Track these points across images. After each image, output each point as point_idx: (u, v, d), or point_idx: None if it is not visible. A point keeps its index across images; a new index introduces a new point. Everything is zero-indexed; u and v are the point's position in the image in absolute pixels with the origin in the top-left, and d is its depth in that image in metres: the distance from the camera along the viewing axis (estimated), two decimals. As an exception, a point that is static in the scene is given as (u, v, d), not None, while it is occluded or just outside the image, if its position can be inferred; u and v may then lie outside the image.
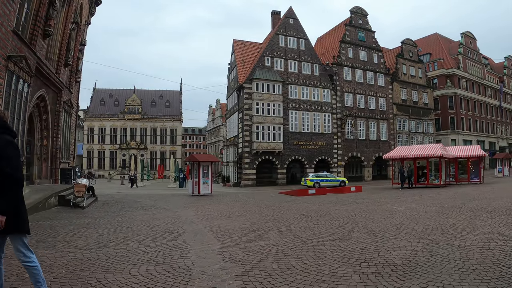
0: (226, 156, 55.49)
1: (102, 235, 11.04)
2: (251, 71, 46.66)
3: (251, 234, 11.15)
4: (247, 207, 18.97)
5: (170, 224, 13.32)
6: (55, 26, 20.78)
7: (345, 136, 52.11)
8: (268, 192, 32.28)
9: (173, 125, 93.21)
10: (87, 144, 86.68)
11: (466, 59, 75.96)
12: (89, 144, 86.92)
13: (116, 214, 16.50)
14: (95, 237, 10.72)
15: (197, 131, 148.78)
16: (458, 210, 14.94)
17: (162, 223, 13.55)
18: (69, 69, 26.25)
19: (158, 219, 14.80)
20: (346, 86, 52.89)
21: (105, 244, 9.74)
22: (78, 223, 13.48)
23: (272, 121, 45.61)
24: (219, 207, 19.38)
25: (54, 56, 22.49)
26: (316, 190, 28.28)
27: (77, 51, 27.69)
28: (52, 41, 21.83)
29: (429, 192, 26.17)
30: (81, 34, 28.52)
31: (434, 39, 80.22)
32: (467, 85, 74.59)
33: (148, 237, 10.82)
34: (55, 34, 21.68)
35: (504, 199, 18.27)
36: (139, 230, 12.00)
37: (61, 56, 23.23)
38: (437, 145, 34.26)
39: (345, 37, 54.07)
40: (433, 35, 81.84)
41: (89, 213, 16.71)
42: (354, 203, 19.54)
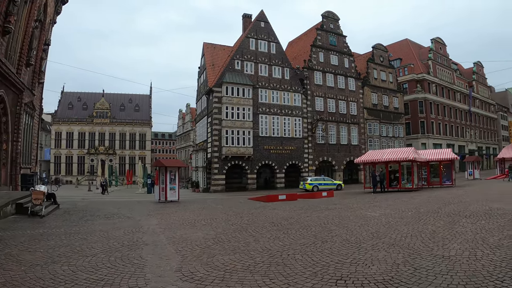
0: (195, 161, 54.44)
1: (54, 248, 10.02)
2: (221, 74, 45.62)
3: (215, 246, 10.24)
4: (214, 215, 18.01)
5: (129, 235, 12.35)
6: (16, 23, 19.48)
7: (316, 140, 51.50)
8: (237, 198, 31.40)
9: (142, 129, 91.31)
10: (54, 149, 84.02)
11: (436, 65, 76.68)
12: (57, 149, 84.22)
13: (75, 223, 15.41)
14: (46, 251, 9.71)
15: (167, 136, 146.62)
16: (436, 215, 14.31)
17: (122, 234, 12.56)
18: (31, 70, 24.86)
19: (119, 228, 13.81)
20: (317, 90, 52.33)
21: (54, 259, 8.74)
22: (31, 234, 12.37)
23: (242, 126, 44.65)
24: (185, 215, 18.41)
25: (14, 55, 21.12)
26: (287, 196, 27.23)
27: (41, 50, 26.32)
28: (13, 39, 20.46)
29: (402, 196, 25.61)
30: (46, 33, 27.15)
31: (404, 45, 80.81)
32: (437, 90, 75.20)
33: (103, 250, 9.82)
34: (16, 32, 20.34)
35: (480, 203, 17.76)
36: (95, 242, 11.02)
37: (23, 55, 21.83)
38: (409, 148, 33.96)
39: (316, 41, 53.58)
40: (403, 41, 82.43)
41: (47, 222, 15.52)
42: (326, 209, 18.70)
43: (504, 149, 53.73)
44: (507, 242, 9.01)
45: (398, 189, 32.13)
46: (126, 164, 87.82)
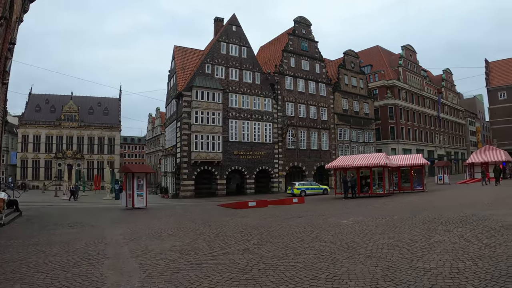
0: (164, 167, 53.76)
1: (8, 263, 9.41)
2: (191, 78, 45.05)
3: (181, 259, 9.61)
4: (182, 223, 17.42)
5: (91, 247, 11.67)
6: (-23, 20, 18.90)
7: (286, 145, 51.33)
8: (206, 205, 30.85)
9: (111, 133, 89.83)
10: (21, 153, 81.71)
11: (406, 71, 77.32)
12: (23, 153, 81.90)
13: (36, 233, 14.71)
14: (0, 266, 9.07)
15: (136, 140, 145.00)
16: (410, 223, 14.00)
17: (83, 246, 11.90)
18: (-6, 70, 24.18)
19: (80, 239, 13.11)
20: (287, 95, 52.27)
21: (7, 276, 8.17)
22: (-14, 246, 11.59)
23: (212, 130, 44.25)
24: (151, 223, 17.77)
25: (-25, 53, 20.51)
26: (257, 202, 26.62)
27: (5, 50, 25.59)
28: (-27, 36, 19.87)
29: (374, 202, 25.41)
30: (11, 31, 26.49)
31: (375, 52, 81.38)
32: (407, 96, 75.77)
33: (61, 265, 9.17)
34: (-24, 28, 19.75)
35: (454, 209, 17.59)
36: (53, 255, 10.35)
37: (-16, 54, 21.22)
38: (380, 154, 33.96)
39: (288, 46, 53.50)
40: (374, 48, 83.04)
41: (6, 232, 14.88)
42: (298, 217, 18.23)
43: (473, 154, 54.58)
44: (488, 251, 8.71)
45: (369, 194, 32.12)
46: (95, 169, 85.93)
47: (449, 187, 40.54)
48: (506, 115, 67.81)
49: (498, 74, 72.25)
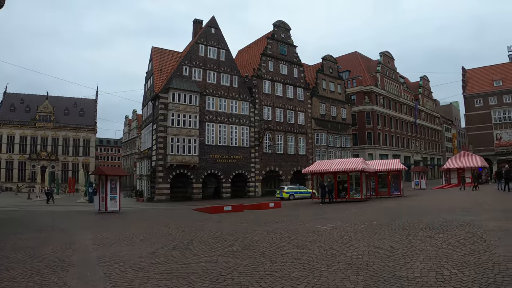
0: (139, 169, 52.75)
1: None
2: (168, 80, 44.38)
3: (151, 267, 9.01)
4: (155, 228, 16.77)
5: (58, 253, 11.08)
6: None
7: (263, 150, 50.92)
8: (181, 209, 30.35)
9: (86, 135, 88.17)
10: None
11: (384, 77, 77.69)
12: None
13: (3, 238, 14.17)
14: None
15: (112, 142, 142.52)
16: (390, 228, 13.66)
17: (50, 251, 11.32)
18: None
19: (48, 244, 12.55)
20: (265, 99, 51.91)
21: None
22: None
23: (188, 133, 43.56)
24: (123, 228, 17.26)
25: None
26: (233, 207, 26.14)
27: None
28: None
29: (352, 207, 25.13)
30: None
31: (354, 57, 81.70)
32: (384, 102, 76.20)
33: (24, 273, 8.59)
34: None
35: (433, 214, 17.39)
36: (17, 262, 9.78)
37: None
38: (358, 159, 33.79)
39: (266, 50, 53.12)
40: (353, 53, 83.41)
41: None
42: (274, 222, 17.73)
43: (450, 160, 55.37)
44: (472, 258, 8.39)
45: (346, 199, 31.91)
46: (69, 171, 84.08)
47: (426, 192, 40.73)
48: (481, 122, 68.53)
49: (474, 81, 73.10)
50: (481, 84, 71.82)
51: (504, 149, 65.83)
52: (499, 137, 66.77)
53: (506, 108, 66.85)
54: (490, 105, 68.72)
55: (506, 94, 67.81)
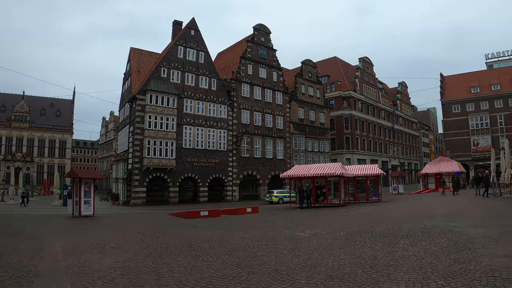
0: (115, 172, 51.82)
1: None
2: (146, 81, 43.62)
3: (121, 279, 8.43)
4: (129, 234, 16.10)
5: (25, 261, 10.43)
6: None
7: (241, 153, 50.38)
8: (157, 213, 29.66)
9: (63, 136, 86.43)
10: (-30, 154, 77.71)
11: (362, 83, 78.01)
12: (-28, 154, 77.87)
13: None
14: None
15: (89, 144, 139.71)
16: (370, 236, 13.30)
17: (16, 260, 10.64)
18: None
19: (16, 252, 11.94)
20: (243, 102, 51.46)
21: None
22: None
23: (165, 136, 42.86)
24: (96, 233, 16.57)
25: None
26: (209, 212, 25.56)
27: None
28: None
29: (331, 212, 24.85)
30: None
31: (333, 62, 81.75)
32: (363, 107, 76.49)
33: None
34: None
35: (414, 220, 17.18)
36: None
37: None
38: (336, 164, 33.53)
39: (246, 53, 52.72)
40: (332, 59, 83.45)
41: None
42: (252, 228, 17.27)
43: (427, 165, 55.87)
44: (458, 268, 8.05)
45: (324, 204, 31.54)
46: (44, 173, 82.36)
47: (404, 197, 40.71)
48: (458, 127, 69.38)
49: (452, 88, 73.97)
50: (459, 90, 72.71)
51: (481, 155, 66.51)
52: (476, 143, 67.79)
53: (483, 114, 67.87)
54: (467, 111, 69.71)
55: (483, 101, 68.84)
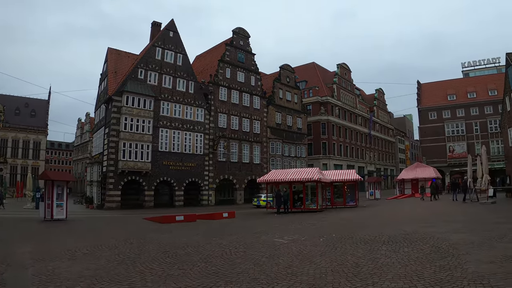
0: (90, 175, 50.80)
1: None
2: (122, 82, 42.93)
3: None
4: (101, 239, 15.45)
5: None
6: None
7: (217, 157, 49.83)
8: (131, 217, 28.87)
9: (37, 137, 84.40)
10: None
11: (340, 89, 78.41)
12: None
13: None
14: None
15: (64, 146, 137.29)
16: (351, 242, 12.96)
17: None
18: None
19: None
20: (221, 106, 51.03)
21: None
22: None
23: (141, 139, 42.14)
24: (67, 239, 15.78)
25: None
26: (185, 217, 24.81)
27: None
28: None
29: (308, 217, 24.43)
30: None
31: (311, 68, 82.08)
32: (340, 113, 76.84)
33: None
34: None
35: (393, 226, 17.02)
36: None
37: None
38: (314, 169, 33.34)
39: (224, 57, 52.37)
40: (310, 64, 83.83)
41: None
42: (229, 234, 16.72)
43: (404, 171, 56.38)
44: (445, 276, 7.77)
45: (302, 210, 31.32)
46: (18, 174, 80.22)
47: (381, 202, 40.86)
48: (435, 134, 70.19)
49: (429, 95, 74.83)
50: (436, 98, 73.57)
51: (457, 161, 67.59)
52: (452, 149, 68.70)
53: (459, 121, 68.86)
54: (443, 118, 70.53)
55: (459, 108, 69.83)
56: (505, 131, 42.56)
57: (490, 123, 66.58)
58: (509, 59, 37.49)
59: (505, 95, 41.18)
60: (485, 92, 69.69)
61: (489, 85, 70.21)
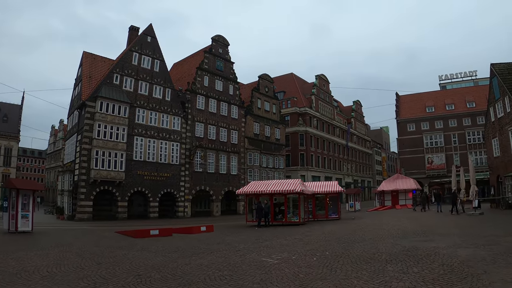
0: (61, 184, 48.65)
1: None
2: (97, 87, 41.30)
3: None
4: (65, 258, 13.57)
5: None
6: None
7: (194, 168, 48.26)
8: (103, 230, 26.94)
9: (8, 143, 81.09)
10: None
11: (318, 100, 77.81)
12: None
13: None
14: None
15: (37, 153, 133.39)
16: (350, 261, 11.56)
17: None
18: None
19: None
20: (198, 115, 49.62)
21: None
22: None
23: (115, 147, 40.39)
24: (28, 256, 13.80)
25: None
26: (160, 231, 23.03)
27: None
28: None
29: (293, 231, 22.97)
30: None
31: (289, 78, 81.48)
32: (318, 124, 76.37)
33: None
34: None
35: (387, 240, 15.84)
36: None
37: None
38: (296, 180, 31.77)
39: (203, 64, 51.06)
40: (288, 75, 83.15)
41: None
42: (209, 252, 14.90)
43: (384, 183, 56.01)
44: None
45: (282, 223, 29.76)
46: (-13, 182, 78.04)
47: (363, 214, 39.79)
48: (413, 145, 70.24)
49: (407, 107, 74.93)
50: (414, 110, 73.79)
51: (435, 172, 67.75)
52: (431, 161, 68.76)
53: (437, 133, 68.91)
54: (422, 130, 70.53)
55: (437, 120, 69.89)
56: (489, 141, 42.14)
57: (468, 135, 66.75)
58: (494, 70, 37.01)
59: (489, 105, 40.78)
60: (463, 104, 69.88)
61: (467, 97, 70.55)
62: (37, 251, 15.24)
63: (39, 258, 13.70)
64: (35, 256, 14.02)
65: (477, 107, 66.55)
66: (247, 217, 32.39)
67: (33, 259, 13.34)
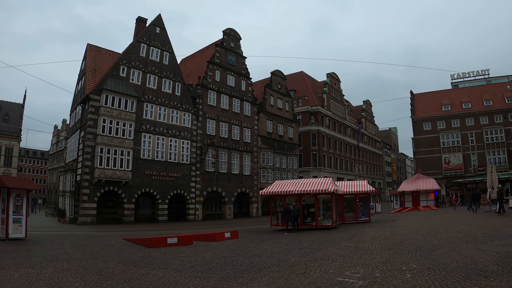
0: (63, 184, 45.40)
1: None
2: (102, 80, 38.22)
3: None
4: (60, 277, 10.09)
5: None
6: None
7: (205, 168, 45.37)
8: (108, 237, 22.93)
9: (9, 143, 78.18)
10: None
11: (330, 99, 75.78)
12: None
13: None
14: None
15: (39, 154, 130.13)
16: (455, 275, 8.44)
17: None
18: None
19: None
20: (209, 111, 46.72)
21: None
22: None
23: (121, 144, 37.39)
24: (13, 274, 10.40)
25: None
26: (179, 238, 19.12)
27: None
28: None
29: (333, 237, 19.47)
30: None
31: (299, 77, 79.32)
32: (330, 124, 74.17)
33: None
34: None
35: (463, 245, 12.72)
36: None
37: None
38: (327, 179, 28.29)
39: (214, 58, 48.27)
40: (299, 73, 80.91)
41: None
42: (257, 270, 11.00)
43: (404, 183, 53.48)
44: None
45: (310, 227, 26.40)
46: (-13, 182, 74.61)
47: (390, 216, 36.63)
48: (429, 145, 67.98)
49: (422, 105, 72.57)
50: (430, 108, 71.71)
51: (453, 173, 65.63)
52: (448, 161, 66.52)
53: (454, 132, 66.84)
54: (438, 129, 68.31)
55: (454, 119, 67.97)
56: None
57: (486, 134, 64.41)
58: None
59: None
60: (480, 102, 67.82)
61: (484, 95, 68.38)
62: (25, 269, 11.36)
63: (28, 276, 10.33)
64: (21, 278, 10.16)
65: (495, 106, 64.82)
66: (271, 221, 28.91)
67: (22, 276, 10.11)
